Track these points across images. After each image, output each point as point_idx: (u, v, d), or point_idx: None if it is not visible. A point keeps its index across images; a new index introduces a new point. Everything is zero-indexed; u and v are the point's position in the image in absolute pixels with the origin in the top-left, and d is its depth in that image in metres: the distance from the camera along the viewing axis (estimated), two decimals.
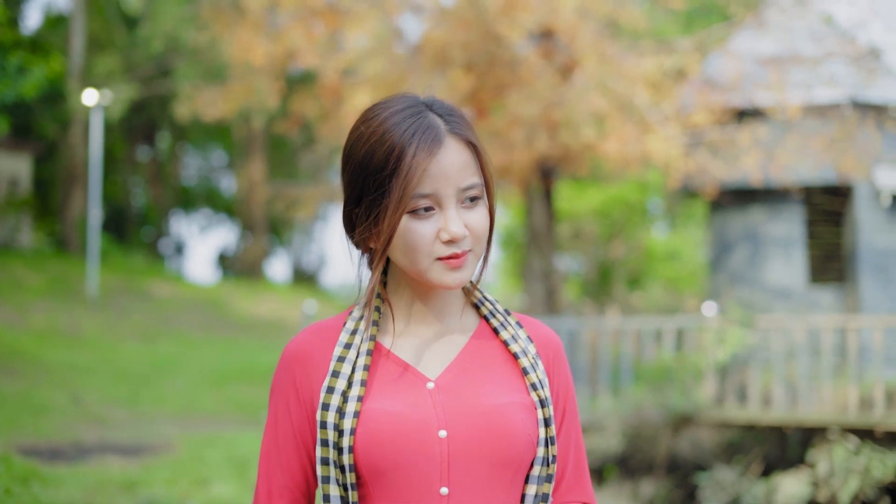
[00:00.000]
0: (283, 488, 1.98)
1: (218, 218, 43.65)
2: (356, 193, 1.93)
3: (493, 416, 1.91)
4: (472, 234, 1.91)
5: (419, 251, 1.89)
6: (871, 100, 15.00)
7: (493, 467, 1.90)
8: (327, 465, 1.90)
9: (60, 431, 10.78)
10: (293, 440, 1.97)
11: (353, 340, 1.96)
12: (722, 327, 12.98)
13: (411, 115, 1.91)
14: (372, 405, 1.89)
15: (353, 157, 1.94)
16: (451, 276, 1.91)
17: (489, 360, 2.00)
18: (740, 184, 15.27)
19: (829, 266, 16.35)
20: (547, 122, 13.52)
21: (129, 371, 15.37)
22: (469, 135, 1.94)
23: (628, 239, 23.74)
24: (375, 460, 1.86)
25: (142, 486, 7.97)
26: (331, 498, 1.90)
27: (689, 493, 12.91)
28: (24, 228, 26.11)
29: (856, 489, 11.55)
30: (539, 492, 1.96)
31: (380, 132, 1.90)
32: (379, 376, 1.94)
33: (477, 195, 1.93)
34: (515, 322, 2.05)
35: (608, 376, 13.41)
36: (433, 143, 1.88)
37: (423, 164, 1.87)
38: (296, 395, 1.97)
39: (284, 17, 14.50)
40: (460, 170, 1.90)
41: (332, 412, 1.89)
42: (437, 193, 1.88)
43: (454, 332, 2.02)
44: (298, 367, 1.97)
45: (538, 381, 1.98)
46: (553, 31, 13.84)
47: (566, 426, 2.06)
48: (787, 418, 12.36)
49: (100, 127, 21.66)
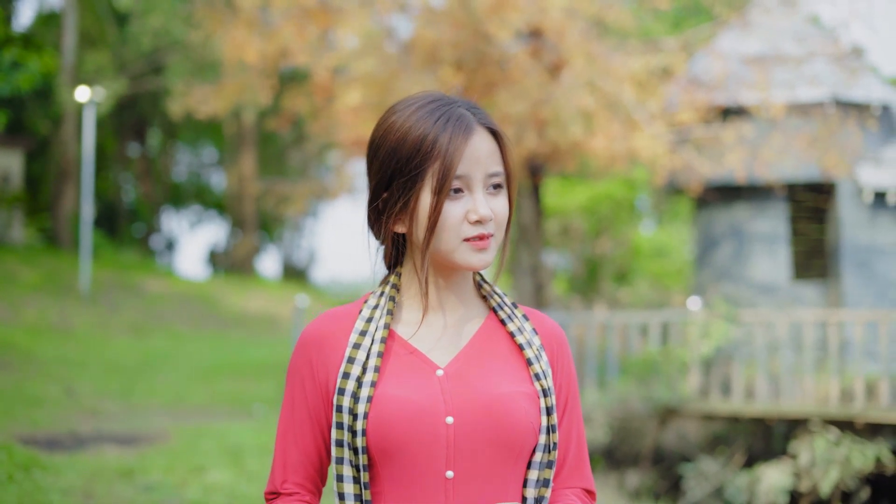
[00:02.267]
0: (297, 464, 2.07)
1: (208, 214, 43.73)
2: (386, 178, 2.02)
3: (498, 405, 1.99)
4: (496, 219, 2.02)
5: (448, 231, 1.98)
6: (853, 98, 15.24)
7: (497, 453, 1.99)
8: (341, 447, 1.99)
9: (56, 422, 10.94)
10: (308, 420, 2.06)
11: (367, 328, 2.05)
12: (706, 321, 13.21)
13: (440, 106, 2.03)
14: (384, 390, 1.97)
15: (384, 145, 2.02)
16: (477, 257, 2.00)
17: (496, 350, 2.09)
18: (725, 181, 15.49)
19: (812, 262, 16.58)
20: (535, 119, 13.70)
21: (122, 365, 15.52)
22: (494, 126, 2.06)
23: (615, 235, 23.93)
24: (385, 443, 1.95)
25: (139, 474, 8.15)
26: (344, 478, 1.99)
27: (673, 484, 13.13)
28: (16, 224, 26.19)
29: (836, 479, 11.79)
30: (541, 477, 2.05)
31: (412, 120, 2.00)
32: (392, 363, 2.03)
33: (500, 183, 2.04)
34: (522, 315, 2.14)
35: (595, 370, 13.63)
36: (467, 129, 2.00)
37: (460, 147, 1.98)
38: (312, 378, 2.06)
39: (277, 16, 14.66)
40: (488, 155, 2.01)
41: (348, 397, 1.98)
42: (468, 176, 1.99)
43: (464, 323, 2.10)
44: (315, 351, 2.06)
45: (542, 371, 2.06)
46: (541, 31, 14.02)
47: (568, 415, 2.14)
48: (770, 410, 12.60)
49: (92, 123, 21.79)
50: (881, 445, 11.89)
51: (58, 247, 26.76)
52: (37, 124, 29.47)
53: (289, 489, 2.07)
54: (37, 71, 16.26)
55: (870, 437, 12.13)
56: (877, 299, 15.46)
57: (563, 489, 2.12)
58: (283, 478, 2.07)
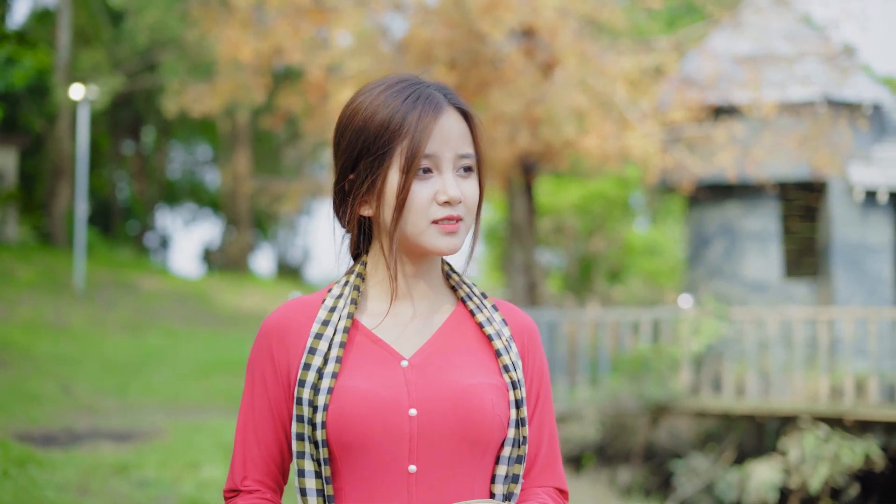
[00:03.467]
0: (258, 460, 1.98)
1: (203, 212, 43.79)
2: (353, 159, 1.95)
3: (464, 396, 1.91)
4: (465, 203, 1.94)
5: (416, 212, 1.91)
6: (844, 98, 15.34)
7: (462, 446, 1.91)
8: (302, 441, 1.91)
9: (52, 419, 11.00)
10: (269, 413, 1.98)
11: (331, 317, 1.98)
12: (697, 319, 13.30)
13: (410, 85, 1.97)
14: (345, 382, 1.90)
15: (351, 125, 1.96)
16: (446, 241, 1.93)
17: (464, 340, 2.01)
18: (717, 179, 15.58)
19: (803, 260, 16.69)
20: (528, 118, 13.79)
21: (117, 362, 15.57)
22: (466, 107, 2.00)
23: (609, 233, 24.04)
24: (345, 437, 1.87)
25: (134, 469, 8.22)
26: (305, 472, 1.91)
27: (664, 481, 13.22)
28: (10, 222, 26.21)
29: (826, 476, 11.88)
30: (509, 472, 1.97)
31: (381, 99, 1.94)
32: (354, 354, 1.95)
33: (471, 166, 1.96)
34: (491, 305, 2.07)
35: (587, 367, 13.71)
36: (437, 108, 1.93)
37: (429, 125, 1.91)
38: (273, 369, 1.98)
39: (271, 15, 14.73)
40: (458, 136, 1.95)
41: (308, 388, 1.90)
42: (437, 155, 1.92)
43: (431, 313, 2.03)
44: (276, 342, 1.99)
45: (511, 363, 1.99)
46: (534, 30, 14.10)
47: (539, 412, 2.06)
48: (760, 408, 12.69)
49: (86, 121, 21.82)
50: (870, 442, 11.98)
51: (52, 244, 26.81)
52: (31, 122, 29.49)
53: (249, 486, 1.98)
54: (31, 67, 16.30)
55: (859, 433, 12.23)
56: (867, 297, 15.56)
57: (534, 487, 2.05)
58: (244, 474, 1.99)
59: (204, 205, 42.88)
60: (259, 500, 1.97)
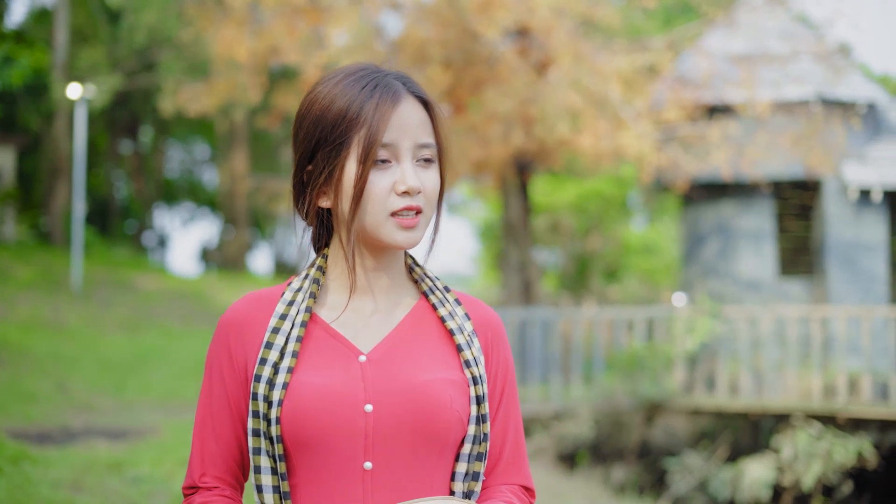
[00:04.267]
0: (216, 456, 1.95)
1: (201, 211, 43.81)
2: (311, 149, 1.92)
3: (421, 392, 1.88)
4: (425, 194, 1.90)
5: (374, 203, 1.87)
6: (838, 97, 15.39)
7: (419, 443, 1.87)
8: (258, 437, 1.88)
9: (48, 417, 11.04)
10: (227, 409, 1.94)
11: (289, 311, 1.94)
12: (691, 317, 13.35)
13: (369, 74, 1.93)
14: (300, 378, 1.87)
15: (308, 114, 1.92)
16: (404, 235, 1.89)
17: (425, 335, 1.97)
18: (712, 178, 15.63)
19: (798, 258, 16.74)
20: (522, 117, 13.84)
21: (114, 361, 15.61)
22: (425, 95, 1.95)
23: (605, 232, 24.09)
24: (299, 433, 1.84)
25: (128, 466, 8.26)
26: (261, 469, 1.88)
27: (658, 479, 13.27)
28: (8, 221, 26.25)
29: (819, 473, 11.94)
30: (470, 470, 1.93)
31: (339, 89, 1.90)
32: (312, 348, 1.92)
33: (430, 157, 1.92)
34: (454, 299, 2.03)
35: (581, 365, 13.76)
36: (395, 96, 1.89)
37: (387, 114, 1.87)
38: (230, 364, 1.94)
39: (267, 14, 14.77)
40: (417, 125, 1.90)
41: (263, 383, 1.87)
42: (396, 144, 1.87)
43: (393, 307, 1.99)
44: (234, 336, 1.95)
45: (472, 358, 1.95)
46: (529, 30, 14.15)
47: (504, 407, 2.02)
48: (753, 405, 12.74)
49: (84, 120, 21.86)
50: (863, 440, 12.04)
51: (50, 243, 26.84)
52: (29, 121, 29.52)
53: (208, 483, 1.94)
54: (27, 66, 16.34)
55: (851, 431, 12.29)
56: (861, 295, 15.61)
57: (499, 485, 2.01)
58: (202, 471, 1.95)
59: (202, 204, 42.90)
60: (217, 497, 1.93)
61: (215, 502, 1.93)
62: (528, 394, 13.43)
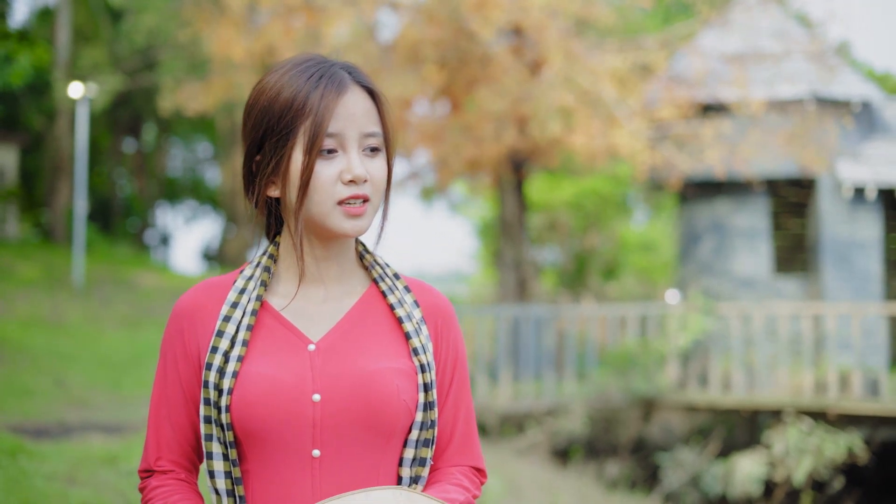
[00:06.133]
0: (171, 440, 1.97)
1: (203, 209, 43.90)
2: (259, 139, 1.94)
3: (368, 381, 1.90)
4: (372, 182, 1.92)
5: (321, 192, 1.89)
6: (832, 95, 15.45)
7: (366, 431, 1.90)
8: (210, 424, 1.90)
9: (45, 412, 11.15)
10: (182, 395, 1.97)
11: (240, 300, 1.96)
12: (684, 314, 13.45)
13: (315, 65, 1.94)
14: (249, 367, 1.89)
15: (256, 104, 1.94)
16: (350, 223, 1.91)
17: (374, 323, 1.99)
18: (706, 177, 15.71)
19: (793, 256, 16.82)
20: (515, 116, 13.93)
21: (112, 357, 15.71)
22: (371, 85, 1.97)
23: (603, 230, 24.18)
24: (248, 422, 1.87)
25: (123, 460, 8.36)
26: (214, 455, 1.90)
27: (651, 474, 13.37)
28: (11, 219, 26.37)
29: (809, 468, 12.03)
30: (417, 455, 1.96)
31: (286, 79, 1.92)
32: (262, 337, 1.94)
33: (377, 146, 1.94)
34: (403, 286, 2.05)
35: (574, 362, 13.86)
36: (340, 86, 1.91)
37: (331, 104, 1.89)
38: (184, 351, 1.97)
39: (263, 14, 14.88)
40: (364, 114, 1.92)
41: (214, 372, 1.89)
42: (342, 134, 1.89)
43: (343, 295, 2.01)
44: (187, 324, 1.98)
45: (420, 346, 1.97)
46: (522, 29, 14.24)
47: (454, 392, 2.05)
48: (745, 401, 12.84)
49: (86, 119, 21.98)
50: (853, 435, 12.13)
51: (52, 241, 26.96)
52: (32, 120, 29.65)
53: (163, 466, 1.98)
54: (28, 66, 16.42)
55: (842, 427, 12.38)
56: (856, 293, 15.68)
57: (449, 467, 2.04)
58: (157, 455, 1.98)
59: (204, 202, 42.98)
60: (173, 481, 1.97)
61: (170, 486, 1.96)
62: (521, 390, 13.54)
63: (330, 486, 1.90)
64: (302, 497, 1.89)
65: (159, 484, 1.96)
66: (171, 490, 1.95)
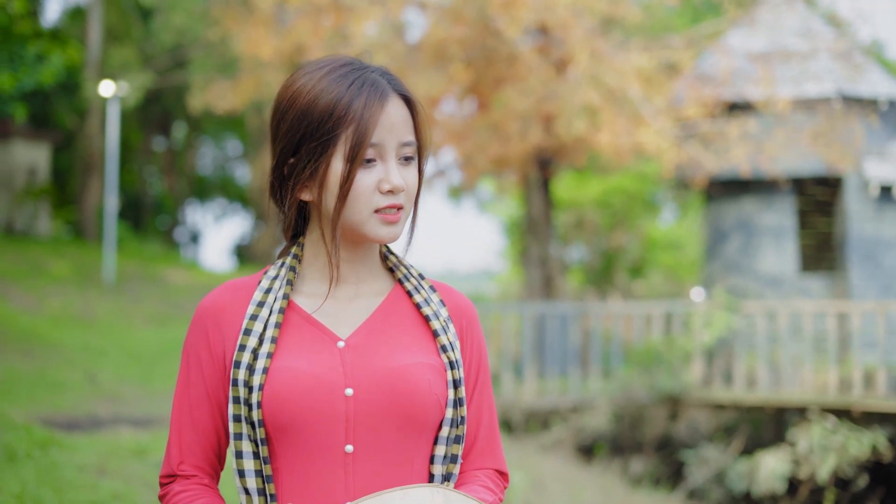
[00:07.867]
0: (194, 444, 1.96)
1: (233, 207, 44.11)
2: (295, 143, 1.91)
3: (400, 376, 1.90)
4: (406, 191, 1.92)
5: (360, 201, 1.88)
6: (859, 94, 15.43)
7: (399, 426, 1.90)
8: (239, 422, 1.88)
9: (76, 406, 11.30)
10: (206, 398, 1.96)
11: (266, 299, 1.96)
12: (709, 312, 13.48)
13: (353, 70, 1.92)
14: (280, 363, 1.89)
15: (292, 107, 1.91)
16: (386, 230, 1.91)
17: (401, 321, 2.00)
18: (733, 175, 15.72)
19: (820, 255, 16.80)
20: (541, 115, 13.99)
21: (142, 353, 15.87)
22: (409, 93, 1.96)
23: (630, 228, 24.20)
24: (280, 417, 1.85)
25: (152, 452, 8.50)
26: (243, 454, 1.89)
27: (676, 471, 13.41)
28: (43, 216, 26.63)
29: (833, 466, 12.03)
30: (448, 452, 1.96)
31: (324, 83, 1.90)
32: (291, 335, 1.93)
33: (411, 155, 1.94)
34: (429, 286, 2.06)
35: (599, 359, 13.92)
36: (382, 95, 1.90)
37: (375, 114, 1.87)
38: (208, 352, 1.96)
39: (292, 14, 15.00)
40: (402, 124, 1.92)
41: (243, 369, 1.88)
42: (383, 144, 1.89)
43: (369, 294, 2.01)
44: (211, 324, 1.96)
45: (448, 343, 1.98)
46: (548, 28, 14.30)
47: (478, 394, 2.06)
48: (770, 399, 12.86)
49: (116, 117, 22.20)
50: (877, 433, 12.12)
51: (83, 239, 27.20)
52: (63, 118, 29.92)
53: (186, 471, 1.96)
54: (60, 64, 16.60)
55: (867, 425, 12.38)
56: (882, 291, 15.65)
57: (473, 470, 2.05)
58: (180, 459, 1.96)
59: (234, 200, 43.18)
60: (196, 486, 1.95)
61: (194, 490, 1.95)
62: (547, 386, 13.61)
63: (363, 483, 1.89)
64: (334, 493, 1.88)
65: (183, 489, 1.95)
66: (195, 493, 1.94)
